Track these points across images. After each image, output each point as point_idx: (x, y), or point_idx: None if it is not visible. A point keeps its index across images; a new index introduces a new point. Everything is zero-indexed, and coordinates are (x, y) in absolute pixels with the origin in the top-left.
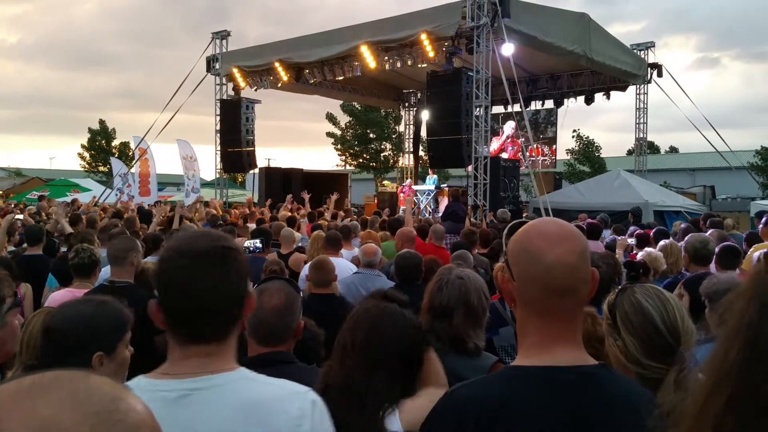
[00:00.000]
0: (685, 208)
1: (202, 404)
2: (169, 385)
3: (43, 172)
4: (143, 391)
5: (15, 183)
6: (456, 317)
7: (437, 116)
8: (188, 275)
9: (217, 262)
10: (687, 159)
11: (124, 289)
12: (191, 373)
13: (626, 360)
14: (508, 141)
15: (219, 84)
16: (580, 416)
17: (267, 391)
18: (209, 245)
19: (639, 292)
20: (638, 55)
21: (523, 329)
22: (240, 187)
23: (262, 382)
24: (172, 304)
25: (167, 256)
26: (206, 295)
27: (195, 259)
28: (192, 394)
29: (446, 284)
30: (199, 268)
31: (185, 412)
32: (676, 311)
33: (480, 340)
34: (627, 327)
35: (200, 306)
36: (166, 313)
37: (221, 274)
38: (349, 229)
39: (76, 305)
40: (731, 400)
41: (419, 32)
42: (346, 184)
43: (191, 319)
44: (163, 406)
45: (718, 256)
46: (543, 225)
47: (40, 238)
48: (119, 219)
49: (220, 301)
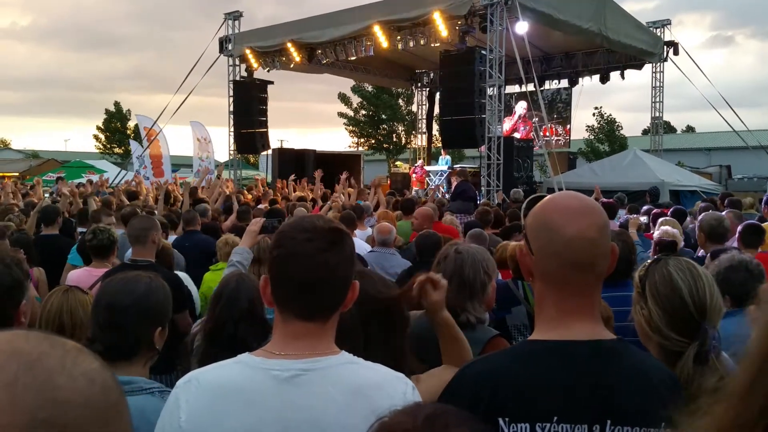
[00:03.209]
0: (700, 188)
1: (313, 385)
2: (281, 364)
3: (59, 154)
4: (253, 369)
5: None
6: (449, 290)
7: (450, 96)
8: (310, 247)
9: (337, 240)
10: (703, 138)
11: (147, 268)
12: (301, 355)
13: (649, 329)
14: (519, 121)
15: (232, 65)
16: (597, 389)
17: (370, 375)
18: (328, 224)
19: (672, 264)
20: (654, 33)
21: (541, 303)
22: (253, 167)
23: (365, 366)
24: (291, 275)
25: (287, 230)
26: (323, 268)
27: (317, 233)
28: (303, 375)
29: (444, 259)
30: (321, 242)
31: (297, 391)
32: (707, 288)
33: (477, 314)
34: (654, 296)
35: (319, 278)
36: (280, 286)
37: (339, 252)
38: (362, 209)
39: (129, 282)
40: None
41: (432, 11)
42: (359, 165)
43: (307, 292)
44: (276, 384)
45: (741, 234)
46: (563, 199)
47: (56, 218)
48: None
49: (335, 276)
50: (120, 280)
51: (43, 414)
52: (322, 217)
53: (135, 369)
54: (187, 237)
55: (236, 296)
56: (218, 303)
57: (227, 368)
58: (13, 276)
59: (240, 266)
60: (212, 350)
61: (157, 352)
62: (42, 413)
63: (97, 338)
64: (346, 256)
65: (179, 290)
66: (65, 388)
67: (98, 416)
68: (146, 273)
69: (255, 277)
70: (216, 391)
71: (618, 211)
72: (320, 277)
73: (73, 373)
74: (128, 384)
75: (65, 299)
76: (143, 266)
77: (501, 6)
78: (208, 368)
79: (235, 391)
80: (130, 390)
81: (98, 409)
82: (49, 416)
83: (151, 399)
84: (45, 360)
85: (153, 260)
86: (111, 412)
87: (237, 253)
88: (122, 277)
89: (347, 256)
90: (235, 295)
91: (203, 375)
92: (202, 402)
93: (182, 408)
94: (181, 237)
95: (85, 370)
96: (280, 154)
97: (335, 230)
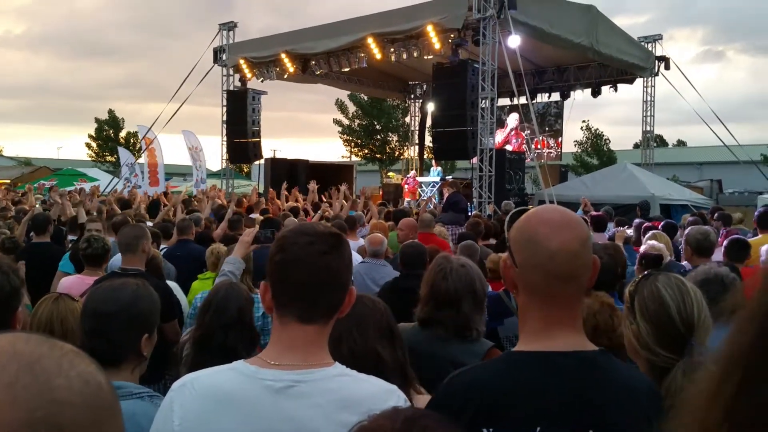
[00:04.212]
0: (691, 202)
1: (305, 397)
2: (274, 374)
3: (51, 161)
4: (247, 378)
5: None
6: (465, 305)
7: (443, 108)
8: (312, 251)
9: (337, 244)
10: (694, 153)
11: (136, 276)
12: (294, 365)
13: (638, 344)
14: (512, 133)
15: (225, 75)
16: (580, 400)
17: (363, 388)
18: (328, 229)
19: (661, 280)
20: (646, 48)
21: (525, 315)
22: (246, 177)
23: (359, 379)
24: (294, 279)
25: (289, 235)
26: (325, 272)
27: (319, 237)
28: (295, 386)
29: (450, 273)
30: (323, 245)
31: (289, 402)
32: (695, 304)
33: (482, 326)
34: (643, 312)
35: (321, 281)
36: (282, 290)
37: (339, 256)
38: (354, 219)
39: (116, 289)
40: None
41: (425, 24)
42: (352, 175)
43: (308, 295)
44: (268, 394)
45: (727, 248)
46: (546, 212)
47: (46, 226)
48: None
49: (336, 280)
50: (106, 288)
51: (40, 413)
52: (320, 224)
53: (123, 375)
54: (180, 246)
55: (226, 305)
56: (208, 311)
57: (222, 375)
58: (11, 283)
59: (231, 276)
60: (201, 358)
61: (145, 359)
62: (40, 412)
63: (85, 345)
64: (346, 261)
65: (168, 299)
66: (62, 389)
67: (93, 416)
68: (134, 280)
69: (246, 286)
70: (209, 397)
71: (608, 224)
72: (322, 280)
73: (70, 374)
74: (118, 389)
75: (55, 307)
76: (133, 275)
77: (494, 20)
78: (203, 373)
79: (228, 399)
80: (120, 395)
81: (93, 409)
82: (47, 415)
83: (140, 403)
84: (44, 361)
85: (143, 269)
86: (105, 412)
87: (229, 262)
88: (109, 284)
89: (347, 260)
90: (225, 304)
91: (198, 380)
92: (195, 407)
93: (176, 412)
94: (174, 246)
95: (81, 371)
96: (272, 164)
97: (335, 235)
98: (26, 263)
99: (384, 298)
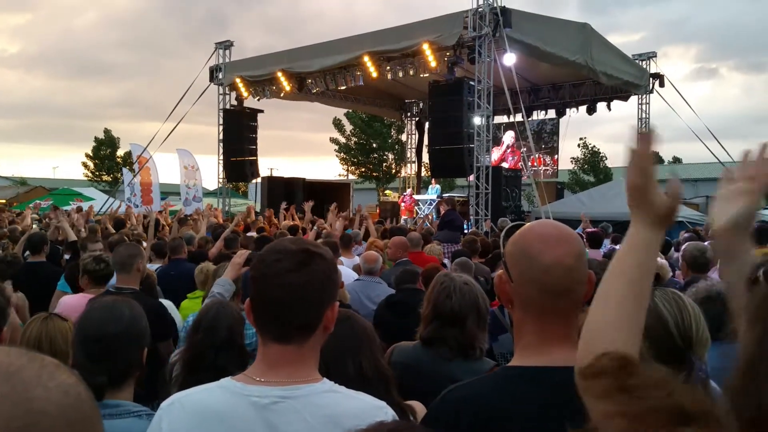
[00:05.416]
0: (687, 219)
1: (292, 413)
2: (260, 391)
3: (47, 181)
4: (233, 395)
5: (18, 192)
6: (469, 323)
7: (439, 126)
8: (275, 268)
9: (305, 261)
10: (689, 169)
11: (131, 295)
12: (281, 382)
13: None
14: (508, 151)
15: (222, 94)
16: (574, 415)
17: (351, 404)
18: (301, 246)
19: (658, 295)
20: (640, 65)
21: (520, 330)
22: (242, 196)
23: (346, 396)
24: (264, 295)
25: (265, 253)
26: (289, 289)
27: (286, 254)
28: (281, 402)
29: (454, 291)
30: (288, 263)
31: (275, 418)
32: (693, 319)
33: (485, 344)
34: None
35: (289, 299)
36: (257, 308)
37: (305, 273)
38: (350, 237)
39: (112, 309)
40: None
41: (421, 42)
42: (349, 193)
43: (279, 314)
44: (255, 411)
45: None
46: (541, 227)
47: (42, 246)
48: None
49: (304, 297)
50: (102, 309)
51: (17, 423)
52: (298, 240)
53: (125, 393)
54: (173, 265)
55: (216, 324)
56: (198, 331)
57: (209, 392)
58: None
59: (220, 297)
60: (191, 378)
61: (144, 371)
62: (17, 422)
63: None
64: (319, 277)
65: (163, 318)
66: (40, 399)
67: (72, 427)
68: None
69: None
70: (197, 414)
71: (603, 240)
72: (290, 297)
73: (49, 385)
74: (116, 407)
75: (44, 327)
76: (127, 293)
77: (489, 38)
78: (192, 391)
79: (216, 416)
80: (117, 413)
81: (72, 420)
82: (24, 425)
83: (138, 422)
84: (23, 372)
85: (137, 288)
86: (84, 423)
87: (218, 284)
88: (101, 305)
89: (317, 276)
90: (215, 324)
91: (186, 398)
92: (183, 424)
93: (164, 430)
94: (167, 265)
95: (60, 383)
96: (269, 183)
97: (304, 251)
98: (22, 283)
99: (380, 315)
